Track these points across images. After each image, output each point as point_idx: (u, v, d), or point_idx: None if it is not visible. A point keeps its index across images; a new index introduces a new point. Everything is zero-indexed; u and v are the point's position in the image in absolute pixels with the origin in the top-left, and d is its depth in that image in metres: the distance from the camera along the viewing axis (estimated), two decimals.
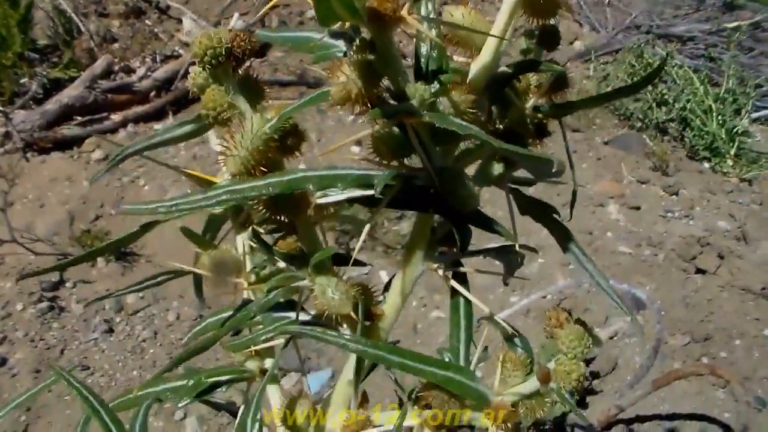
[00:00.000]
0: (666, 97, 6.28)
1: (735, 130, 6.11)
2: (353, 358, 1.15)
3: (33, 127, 5.43)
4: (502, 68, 1.07)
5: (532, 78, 1.14)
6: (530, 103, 1.11)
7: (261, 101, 1.04)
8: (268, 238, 1.24)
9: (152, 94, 5.93)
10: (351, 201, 1.09)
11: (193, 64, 1.06)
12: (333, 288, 1.07)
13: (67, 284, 4.40)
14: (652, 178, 5.58)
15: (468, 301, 1.16)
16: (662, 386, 3.35)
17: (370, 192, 1.07)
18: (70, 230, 4.71)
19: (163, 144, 1.11)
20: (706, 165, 6.01)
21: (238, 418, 1.12)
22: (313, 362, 3.92)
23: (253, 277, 1.33)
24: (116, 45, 6.62)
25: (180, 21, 6.87)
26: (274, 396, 1.33)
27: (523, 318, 4.08)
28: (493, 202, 3.84)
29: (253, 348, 1.30)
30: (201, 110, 1.03)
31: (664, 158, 5.72)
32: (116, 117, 5.72)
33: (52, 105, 5.56)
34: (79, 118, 5.62)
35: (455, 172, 1.03)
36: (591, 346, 1.02)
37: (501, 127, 1.12)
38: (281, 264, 1.19)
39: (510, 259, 1.29)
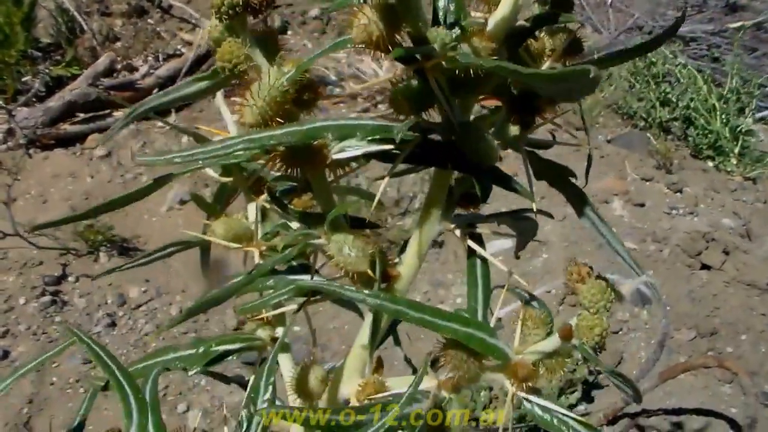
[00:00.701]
0: (669, 96, 6.27)
1: (739, 128, 6.09)
2: (367, 322, 1.13)
3: (36, 123, 5.42)
4: (520, 22, 1.05)
5: (547, 41, 1.12)
6: (545, 66, 1.10)
7: (278, 54, 1.03)
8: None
9: (155, 91, 5.92)
10: (367, 156, 1.07)
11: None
12: (349, 245, 1.05)
13: (70, 278, 4.39)
14: (655, 175, 5.57)
15: (485, 262, 1.15)
16: (669, 379, 3.33)
17: (387, 147, 1.05)
18: (73, 225, 4.68)
19: (178, 101, 1.09)
20: (710, 164, 6.00)
21: (251, 383, 1.10)
22: (317, 356, 3.90)
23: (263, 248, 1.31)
24: (119, 44, 6.62)
25: (182, 20, 6.86)
26: (286, 365, 1.31)
27: None
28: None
29: (265, 314, 1.28)
30: (217, 63, 1.02)
31: (668, 156, 5.70)
32: (119, 114, 5.70)
33: (55, 102, 5.55)
34: (82, 115, 5.61)
35: (475, 125, 1.01)
36: (613, 300, 1.00)
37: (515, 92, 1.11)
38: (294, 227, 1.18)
39: (524, 226, 1.28)
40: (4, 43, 5.85)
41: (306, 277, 1.15)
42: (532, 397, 1.04)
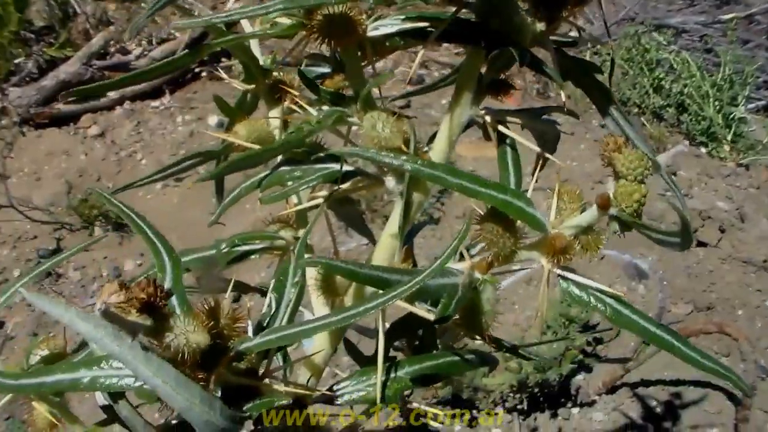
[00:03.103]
0: (663, 82, 6.29)
1: (732, 116, 6.11)
2: (398, 209, 1.12)
3: (29, 102, 5.38)
4: None
5: None
6: None
7: None
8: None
9: None
10: (402, 34, 1.06)
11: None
12: (383, 122, 1.04)
13: (65, 252, 4.34)
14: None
15: (514, 149, 1.14)
16: None
17: (422, 24, 1.05)
18: (68, 199, 4.66)
19: None
20: (703, 150, 6.01)
21: (278, 267, 1.08)
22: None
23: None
24: (112, 27, 6.58)
25: (176, 5, 6.81)
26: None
27: (525, 286, 4.06)
28: None
29: (289, 210, 1.27)
30: None
31: (662, 140, 5.72)
32: (113, 94, 5.67)
33: (48, 81, 5.52)
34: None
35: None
36: (650, 168, 0.99)
37: None
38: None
39: (547, 130, 1.27)
40: None
41: (335, 166, 1.13)
42: (568, 274, 1.03)
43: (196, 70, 6.04)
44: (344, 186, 1.16)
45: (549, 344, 3.27)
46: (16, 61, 5.82)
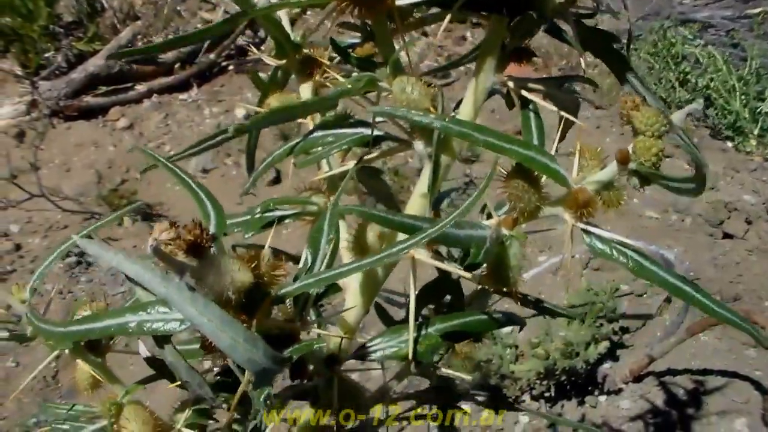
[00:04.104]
0: (689, 76, 6.27)
1: (758, 110, 6.08)
2: (426, 171, 1.14)
3: (59, 95, 5.46)
4: None
5: None
6: None
7: None
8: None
9: (177, 66, 5.95)
10: (429, 3, 1.09)
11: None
12: (412, 85, 1.07)
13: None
14: (675, 152, 5.55)
15: (537, 115, 1.16)
16: (697, 333, 3.33)
17: None
18: (98, 189, 4.72)
19: None
20: (729, 144, 5.98)
21: (313, 225, 1.11)
22: None
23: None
24: (139, 22, 6.65)
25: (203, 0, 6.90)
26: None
27: (552, 276, 4.07)
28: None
29: (321, 176, 1.29)
30: None
31: (688, 134, 5.69)
32: (141, 87, 5.74)
33: (77, 74, 5.59)
34: (104, 87, 5.64)
35: None
36: (667, 126, 1.01)
37: None
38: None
39: (567, 99, 1.28)
40: (27, 17, 5.89)
41: (365, 130, 1.16)
42: (591, 228, 1.05)
43: (223, 63, 6.10)
44: (373, 154, 1.18)
45: (577, 331, 3.28)
46: (46, 55, 5.91)
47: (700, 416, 3.41)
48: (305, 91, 1.38)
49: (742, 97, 6.10)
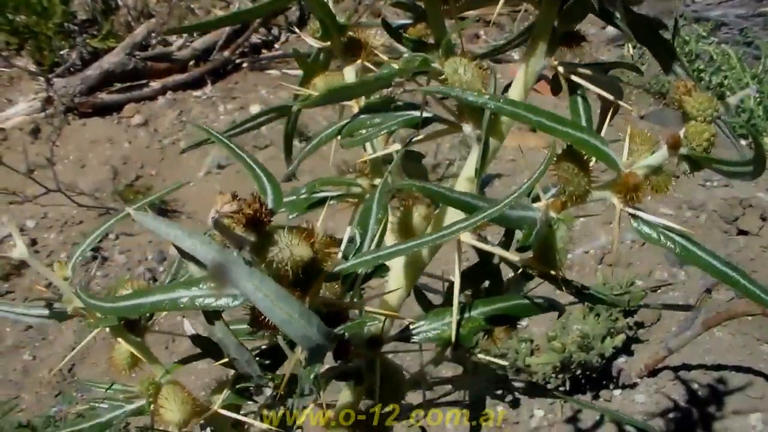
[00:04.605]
0: (702, 74, 6.27)
1: None
2: (474, 153, 1.16)
3: (74, 92, 5.47)
4: None
5: None
6: None
7: None
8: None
9: (191, 63, 5.97)
10: None
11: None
12: (464, 67, 1.08)
13: (110, 236, 4.43)
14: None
15: (585, 100, 1.17)
16: (713, 326, 3.33)
17: None
18: (113, 185, 4.74)
19: None
20: (743, 142, 5.98)
21: (361, 207, 1.12)
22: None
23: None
24: (153, 20, 6.67)
25: None
26: None
27: (567, 271, 4.07)
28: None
29: (366, 157, 1.31)
30: None
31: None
32: (155, 84, 5.76)
33: (92, 71, 5.61)
34: (119, 84, 5.66)
35: None
36: (720, 109, 1.02)
37: None
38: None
39: (609, 82, 1.29)
40: (42, 15, 5.91)
41: (414, 113, 1.17)
42: (639, 213, 1.06)
43: (237, 61, 6.12)
44: (419, 137, 1.20)
45: (593, 325, 3.29)
46: (60, 52, 5.93)
47: (715, 411, 3.41)
48: (349, 74, 1.40)
49: (756, 95, 6.10)
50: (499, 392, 1.54)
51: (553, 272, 1.07)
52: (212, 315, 0.95)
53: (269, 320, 0.83)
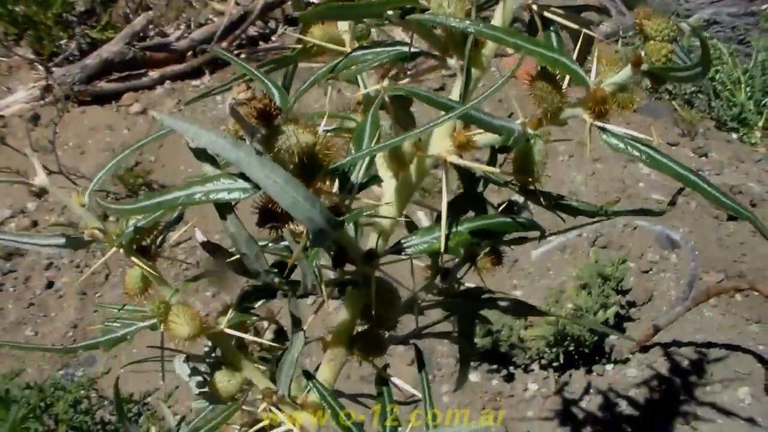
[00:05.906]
0: None
1: (763, 103, 6.17)
2: (458, 82, 1.23)
3: (73, 80, 5.54)
4: None
5: None
6: None
7: None
8: None
9: (189, 53, 6.05)
10: None
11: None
12: (448, 1, 1.15)
13: (110, 219, 4.48)
14: (680, 141, 5.65)
15: (558, 34, 1.24)
16: (702, 302, 3.41)
17: None
18: (113, 169, 4.80)
19: None
20: (734, 135, 6.06)
21: (353, 137, 1.19)
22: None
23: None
24: (151, 12, 6.74)
25: None
26: None
27: (560, 254, 4.15)
28: None
29: (360, 94, 1.37)
30: None
31: (693, 124, 5.78)
32: (154, 74, 5.83)
33: (91, 60, 5.67)
34: (118, 73, 5.73)
35: None
36: (676, 31, 1.10)
37: None
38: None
39: (584, 24, 1.36)
40: (42, 5, 5.98)
41: (403, 48, 1.24)
42: (606, 125, 1.14)
43: (235, 52, 6.18)
44: (405, 80, 1.27)
45: (586, 300, 3.37)
46: (59, 42, 5.99)
47: (704, 384, 3.49)
48: (343, 24, 1.46)
49: (747, 89, 6.19)
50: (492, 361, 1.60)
51: (531, 181, 1.15)
52: (225, 209, 1.02)
53: (278, 210, 0.91)
